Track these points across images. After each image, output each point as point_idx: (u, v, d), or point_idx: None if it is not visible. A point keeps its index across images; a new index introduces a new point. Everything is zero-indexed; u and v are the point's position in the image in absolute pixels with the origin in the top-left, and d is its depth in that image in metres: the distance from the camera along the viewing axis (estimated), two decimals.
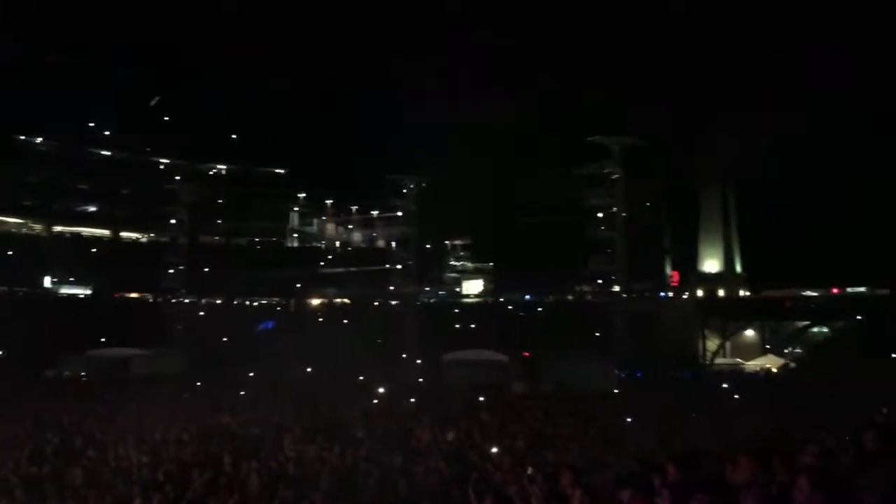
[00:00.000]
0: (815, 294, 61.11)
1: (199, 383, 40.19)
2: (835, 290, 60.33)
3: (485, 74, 61.86)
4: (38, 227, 74.53)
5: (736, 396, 35.72)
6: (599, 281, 59.15)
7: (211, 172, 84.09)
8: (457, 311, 69.65)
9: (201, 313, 66.33)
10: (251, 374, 45.46)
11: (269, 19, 73.72)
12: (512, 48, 61.26)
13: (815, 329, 61.70)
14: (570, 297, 67.62)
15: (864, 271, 57.30)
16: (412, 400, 32.64)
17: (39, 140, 74.36)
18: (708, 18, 60.50)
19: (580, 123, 58.92)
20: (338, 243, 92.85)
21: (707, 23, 60.47)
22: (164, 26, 67.67)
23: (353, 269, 78.50)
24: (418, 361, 52.08)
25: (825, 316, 59.54)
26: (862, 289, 59.28)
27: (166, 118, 78.03)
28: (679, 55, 60.11)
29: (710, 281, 67.72)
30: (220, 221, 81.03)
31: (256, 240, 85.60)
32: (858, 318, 55.38)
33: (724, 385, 42.21)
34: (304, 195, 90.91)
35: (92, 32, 67.21)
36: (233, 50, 68.00)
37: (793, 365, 54.73)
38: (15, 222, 73.91)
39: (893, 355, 44.67)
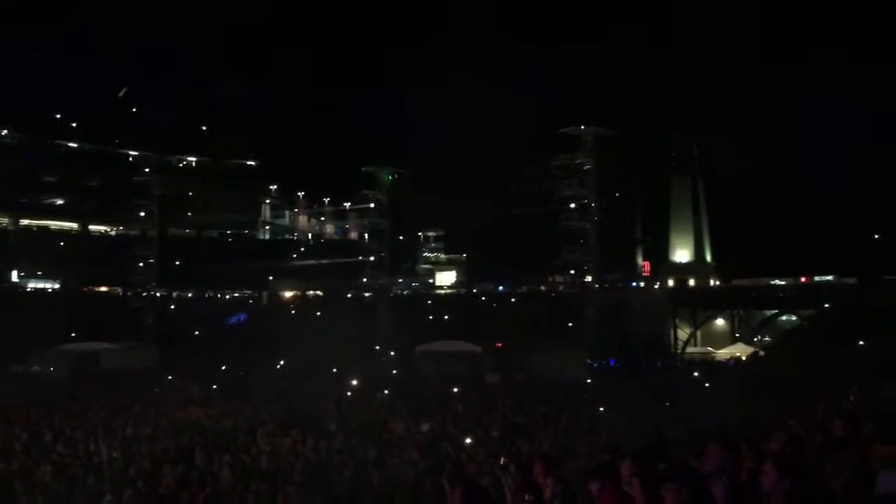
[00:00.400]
0: (783, 283, 61.84)
1: (170, 377, 39.84)
2: (802, 279, 61.11)
3: (461, 70, 62.05)
4: (4, 221, 73.29)
5: (706, 385, 36.12)
6: (572, 271, 59.42)
7: (181, 164, 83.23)
8: (430, 302, 69.60)
9: (172, 307, 65.74)
10: (223, 368, 45.18)
11: (250, 16, 73.35)
12: (486, 44, 61.49)
13: (784, 317, 62.46)
14: (542, 288, 67.86)
15: (832, 261, 58.23)
16: (386, 391, 32.59)
17: (5, 132, 73.07)
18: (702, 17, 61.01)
19: (558, 115, 59.33)
20: (310, 235, 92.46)
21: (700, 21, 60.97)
22: (143, 20, 67.13)
23: (325, 261, 78.28)
24: (391, 353, 52.02)
25: (793, 304, 60.26)
26: (829, 277, 60.10)
27: (134, 109, 77.17)
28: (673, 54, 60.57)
29: (681, 270, 68.32)
30: (190, 214, 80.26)
31: (228, 232, 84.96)
32: (826, 306, 56.11)
33: (695, 373, 42.71)
34: (275, 187, 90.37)
35: (65, 24, 66.46)
36: (210, 45, 67.58)
37: (762, 353, 55.39)
38: None
39: (860, 343, 45.25)
